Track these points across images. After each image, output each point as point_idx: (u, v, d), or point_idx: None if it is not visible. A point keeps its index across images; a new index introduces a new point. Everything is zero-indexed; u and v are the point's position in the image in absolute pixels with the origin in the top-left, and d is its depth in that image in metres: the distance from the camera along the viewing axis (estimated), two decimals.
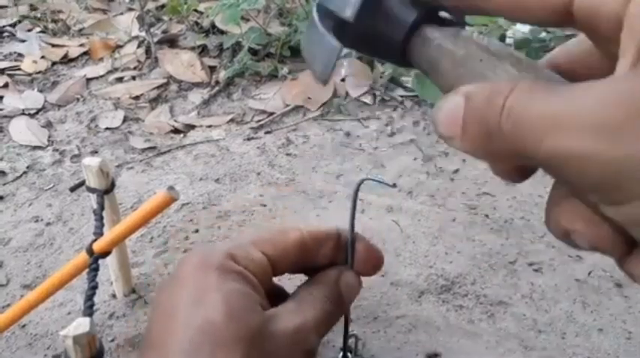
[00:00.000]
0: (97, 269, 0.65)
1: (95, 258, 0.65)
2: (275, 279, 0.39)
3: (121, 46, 1.60)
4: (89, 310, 0.60)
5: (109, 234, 0.67)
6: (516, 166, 0.29)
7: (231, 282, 0.35)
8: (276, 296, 0.38)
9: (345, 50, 0.33)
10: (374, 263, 0.41)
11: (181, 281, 0.36)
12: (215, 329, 0.32)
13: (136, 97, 1.41)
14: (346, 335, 0.45)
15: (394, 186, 0.41)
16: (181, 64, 1.50)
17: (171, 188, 0.58)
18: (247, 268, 0.36)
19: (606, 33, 0.24)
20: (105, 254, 0.67)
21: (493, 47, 0.28)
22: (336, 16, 0.31)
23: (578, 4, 0.25)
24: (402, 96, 1.39)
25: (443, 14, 0.31)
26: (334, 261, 0.40)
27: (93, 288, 0.62)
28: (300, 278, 0.40)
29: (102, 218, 0.72)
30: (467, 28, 0.31)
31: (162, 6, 1.74)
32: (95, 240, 0.67)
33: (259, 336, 0.33)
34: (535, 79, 0.26)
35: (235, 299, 0.34)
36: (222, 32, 1.59)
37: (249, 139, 1.27)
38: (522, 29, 1.60)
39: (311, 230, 0.40)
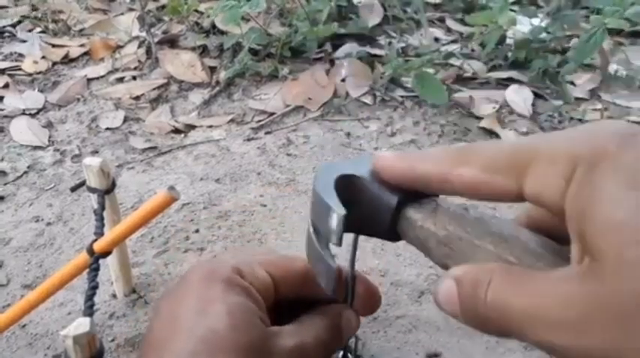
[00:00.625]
0: (97, 269, 0.64)
1: (96, 258, 0.65)
2: None
3: (121, 47, 1.60)
4: (89, 310, 0.60)
5: (110, 234, 0.67)
6: None
7: (236, 296, 0.36)
8: (279, 319, 0.39)
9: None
10: (372, 303, 0.43)
11: (187, 291, 0.37)
12: (217, 339, 0.33)
13: (137, 97, 1.41)
14: (346, 348, 0.46)
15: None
16: (182, 64, 1.50)
17: (171, 188, 0.58)
18: (252, 284, 0.38)
19: (557, 215, 0.27)
20: (105, 254, 0.67)
21: (471, 220, 0.31)
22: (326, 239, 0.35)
23: (527, 197, 0.28)
24: (402, 97, 1.39)
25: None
26: (334, 297, 0.41)
27: (93, 288, 0.62)
28: None
29: (102, 218, 0.72)
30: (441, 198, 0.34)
31: (163, 6, 1.75)
32: (96, 240, 0.67)
33: (259, 349, 0.34)
34: (517, 256, 0.29)
35: (238, 311, 0.35)
36: (222, 32, 1.59)
37: (249, 139, 1.27)
38: (522, 29, 1.60)
39: None
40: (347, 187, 0.34)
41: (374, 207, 0.34)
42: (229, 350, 0.33)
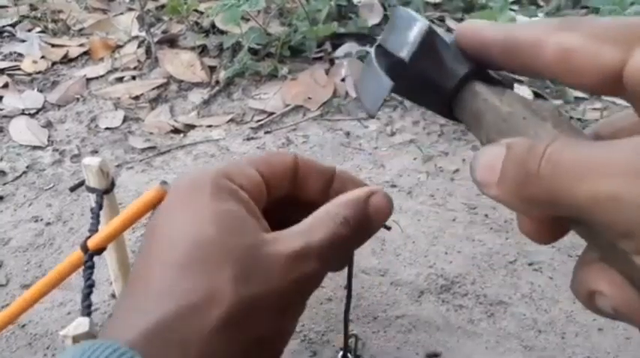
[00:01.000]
0: (92, 267, 0.64)
1: (90, 255, 0.65)
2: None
3: (121, 46, 1.60)
4: (87, 309, 0.60)
5: (103, 229, 0.67)
6: (547, 222, 0.28)
7: (224, 201, 0.33)
8: (281, 222, 0.35)
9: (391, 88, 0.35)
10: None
11: (172, 203, 0.35)
12: (205, 248, 0.31)
13: (136, 97, 1.41)
14: (346, 335, 0.45)
15: (389, 228, 0.41)
16: (181, 63, 1.50)
17: (164, 182, 0.57)
18: (242, 186, 0.35)
19: None
20: (100, 250, 0.67)
21: (538, 107, 0.30)
22: (392, 57, 0.33)
23: (628, 76, 0.25)
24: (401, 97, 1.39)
25: (493, 73, 0.33)
26: (326, 200, 0.36)
27: (90, 287, 0.62)
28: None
29: (99, 216, 0.71)
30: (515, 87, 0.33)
31: (163, 6, 1.74)
32: (90, 237, 0.67)
33: (250, 256, 0.32)
34: (577, 137, 0.27)
35: (227, 217, 0.33)
36: (222, 32, 1.59)
37: (249, 139, 1.27)
38: None
39: (305, 159, 0.38)
40: (423, 42, 0.32)
41: (441, 70, 0.32)
42: (220, 259, 0.31)
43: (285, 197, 0.38)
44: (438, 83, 0.32)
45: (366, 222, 0.35)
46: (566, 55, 0.26)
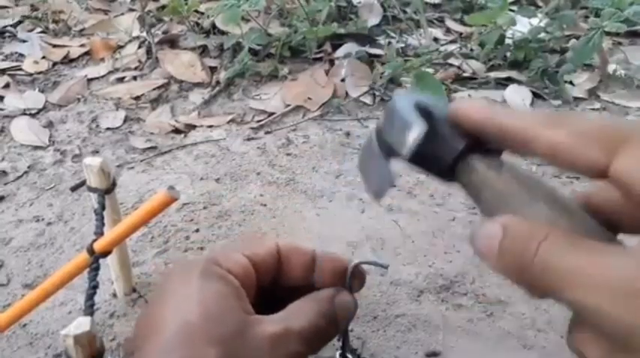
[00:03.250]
0: (97, 269, 0.65)
1: (96, 258, 0.66)
2: None
3: (121, 47, 1.61)
4: (90, 309, 0.60)
5: (110, 233, 0.67)
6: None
7: (211, 284, 0.35)
8: (269, 307, 0.38)
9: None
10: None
11: (164, 290, 0.37)
12: (190, 330, 0.33)
13: (137, 97, 1.41)
14: (346, 335, 0.46)
15: (387, 267, 0.44)
16: (182, 64, 1.51)
17: (171, 188, 0.58)
18: (230, 270, 0.37)
19: (636, 196, 0.27)
20: (105, 253, 0.68)
21: (532, 183, 0.31)
22: (392, 148, 0.35)
23: (612, 176, 0.28)
24: None
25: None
26: (310, 282, 0.40)
27: (94, 288, 0.63)
28: None
29: (103, 217, 0.72)
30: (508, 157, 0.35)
31: (163, 6, 1.75)
32: (96, 240, 0.67)
33: (236, 337, 0.33)
34: (568, 226, 0.29)
35: (213, 300, 0.34)
36: (222, 33, 1.59)
37: (249, 139, 1.27)
38: (521, 29, 1.60)
39: (286, 243, 0.41)
40: (421, 144, 0.34)
41: (439, 146, 0.34)
42: (203, 341, 0.33)
43: (273, 280, 0.40)
44: (438, 159, 0.35)
45: (333, 317, 0.39)
46: (555, 151, 0.29)
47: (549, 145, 0.29)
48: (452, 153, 0.34)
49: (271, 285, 0.40)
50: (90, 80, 1.48)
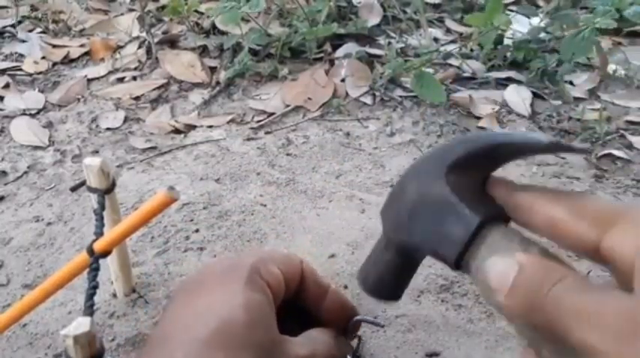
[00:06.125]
0: (97, 269, 0.65)
1: (96, 258, 0.66)
2: None
3: (121, 47, 1.61)
4: (90, 309, 0.60)
5: (110, 233, 0.67)
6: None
7: (255, 295, 0.37)
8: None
9: None
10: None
11: (207, 283, 0.37)
12: (233, 332, 0.34)
13: (137, 98, 1.41)
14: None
15: (383, 326, 0.47)
16: (182, 64, 1.51)
17: (171, 188, 0.58)
18: (268, 284, 0.38)
19: (624, 270, 0.29)
20: (105, 254, 0.68)
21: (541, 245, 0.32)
22: (410, 245, 0.37)
23: (602, 253, 0.30)
24: (401, 97, 1.39)
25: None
26: (312, 309, 0.43)
27: (93, 288, 0.63)
28: None
29: (102, 218, 0.72)
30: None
31: (163, 7, 1.75)
32: (96, 240, 0.67)
33: (272, 349, 0.35)
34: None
35: (256, 310, 0.36)
36: (222, 33, 1.59)
37: (249, 139, 1.27)
38: (521, 29, 1.60)
39: (309, 266, 0.43)
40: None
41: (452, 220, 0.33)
42: (242, 346, 0.34)
43: (288, 300, 0.42)
44: (446, 242, 0.33)
45: (343, 351, 0.42)
46: (552, 225, 0.32)
47: (547, 220, 0.32)
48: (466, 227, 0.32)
49: (288, 303, 0.42)
50: (90, 80, 1.48)
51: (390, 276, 0.37)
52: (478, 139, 0.34)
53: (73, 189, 0.81)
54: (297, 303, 0.42)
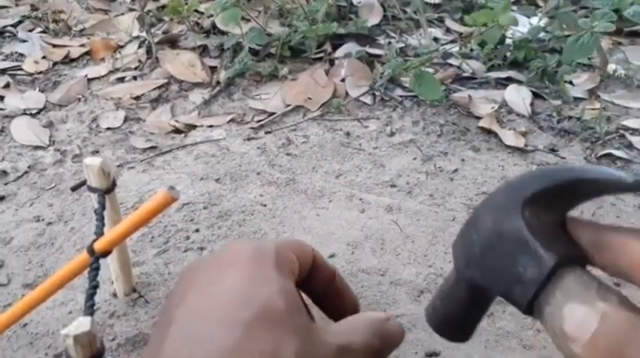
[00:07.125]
0: (98, 269, 0.65)
1: (96, 258, 0.66)
2: None
3: (122, 47, 1.61)
4: (90, 309, 0.60)
5: (110, 233, 0.68)
6: None
7: (286, 279, 0.36)
8: None
9: None
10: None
11: (234, 265, 0.36)
12: (274, 317, 0.33)
13: (137, 97, 1.41)
14: None
15: None
16: (182, 64, 1.51)
17: (171, 188, 0.58)
18: (290, 270, 0.37)
19: None
20: (106, 253, 0.68)
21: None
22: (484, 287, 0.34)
23: None
24: (401, 97, 1.39)
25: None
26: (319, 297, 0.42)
27: (94, 288, 0.63)
28: None
29: (103, 217, 0.72)
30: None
31: (163, 6, 1.75)
32: (96, 240, 0.67)
33: (310, 335, 0.34)
34: None
35: (291, 295, 0.35)
36: (222, 32, 1.59)
37: (249, 139, 1.27)
38: (521, 29, 1.60)
39: (317, 252, 0.42)
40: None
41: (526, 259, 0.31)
42: (287, 330, 0.33)
43: (302, 283, 0.41)
44: (515, 283, 0.32)
45: (387, 339, 0.39)
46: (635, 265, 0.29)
47: (629, 259, 0.30)
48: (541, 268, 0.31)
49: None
50: (90, 80, 1.48)
51: (460, 314, 0.35)
52: (557, 174, 0.33)
53: (74, 188, 0.81)
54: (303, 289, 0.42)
